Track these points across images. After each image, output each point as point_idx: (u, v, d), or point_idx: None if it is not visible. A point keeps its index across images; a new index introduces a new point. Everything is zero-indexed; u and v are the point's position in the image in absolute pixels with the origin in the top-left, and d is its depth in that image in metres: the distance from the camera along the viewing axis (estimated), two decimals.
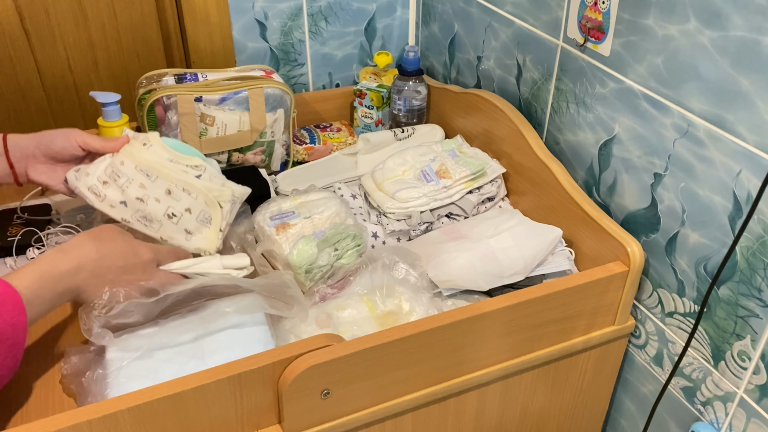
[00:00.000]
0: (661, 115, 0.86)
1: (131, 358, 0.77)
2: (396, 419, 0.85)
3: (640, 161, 0.91)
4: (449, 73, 1.34)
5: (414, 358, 0.81)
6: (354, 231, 0.96)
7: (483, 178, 1.09)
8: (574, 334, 0.92)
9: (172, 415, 0.70)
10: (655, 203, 0.90)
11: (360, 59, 1.43)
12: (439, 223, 1.06)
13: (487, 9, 1.16)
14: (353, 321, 0.87)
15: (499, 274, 0.92)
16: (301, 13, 1.32)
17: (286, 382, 0.73)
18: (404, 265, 0.92)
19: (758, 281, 0.78)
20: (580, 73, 0.98)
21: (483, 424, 0.95)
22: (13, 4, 1.16)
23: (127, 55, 1.29)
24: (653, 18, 0.83)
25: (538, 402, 0.98)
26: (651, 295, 0.94)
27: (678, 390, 0.95)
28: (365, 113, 1.34)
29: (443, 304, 0.92)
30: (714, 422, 0.90)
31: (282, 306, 0.84)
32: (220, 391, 0.71)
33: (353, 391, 0.79)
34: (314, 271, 0.93)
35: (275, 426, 0.78)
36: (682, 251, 0.88)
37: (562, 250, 0.98)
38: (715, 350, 0.87)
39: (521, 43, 1.09)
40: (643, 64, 0.86)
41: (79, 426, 0.65)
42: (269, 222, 0.98)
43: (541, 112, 1.09)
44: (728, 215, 0.80)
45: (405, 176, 1.09)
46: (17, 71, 1.21)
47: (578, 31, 0.96)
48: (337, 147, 1.28)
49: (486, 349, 0.86)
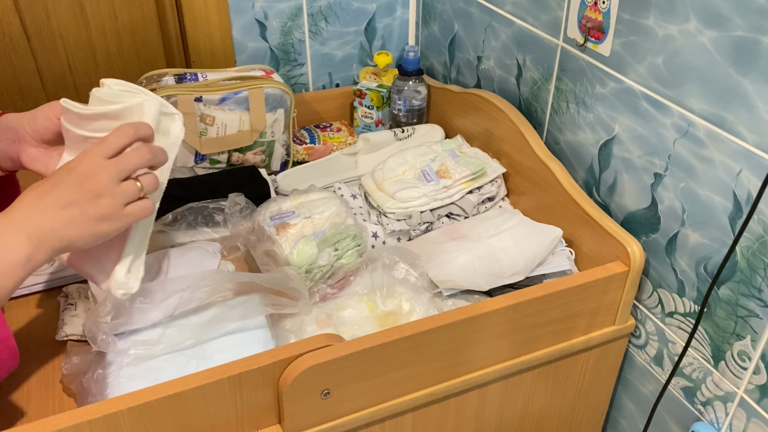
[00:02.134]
0: (661, 115, 0.86)
1: (131, 358, 0.77)
2: (396, 419, 0.85)
3: (640, 161, 0.91)
4: (449, 73, 1.34)
5: (414, 358, 0.81)
6: (354, 231, 0.96)
7: (483, 178, 1.09)
8: (574, 334, 0.92)
9: (172, 415, 0.70)
10: (655, 203, 0.90)
11: (360, 59, 1.43)
12: (439, 223, 1.06)
13: (487, 9, 1.16)
14: (353, 321, 0.87)
15: (499, 274, 0.92)
16: (301, 13, 1.32)
17: (286, 382, 0.73)
18: (404, 265, 0.92)
19: (758, 281, 0.78)
20: (580, 73, 0.98)
21: (483, 424, 0.95)
22: (13, 4, 1.16)
23: (127, 55, 1.29)
24: (653, 18, 0.83)
25: (538, 402, 0.98)
26: (651, 295, 0.94)
27: (678, 390, 0.95)
28: (365, 113, 1.34)
29: (443, 304, 0.92)
30: (714, 422, 0.90)
31: (286, 302, 0.84)
32: (220, 391, 0.71)
33: (353, 391, 0.79)
34: (314, 271, 0.93)
35: (275, 426, 0.78)
36: (682, 251, 0.88)
37: (562, 250, 0.98)
38: (715, 350, 0.87)
39: (521, 43, 1.09)
40: (643, 64, 0.86)
41: (79, 426, 0.65)
42: (269, 222, 0.98)
43: (541, 112, 1.09)
44: (728, 215, 0.80)
45: (405, 176, 1.09)
46: (17, 71, 1.21)
47: (578, 31, 0.96)
48: (337, 147, 1.28)
49: (486, 349, 0.86)
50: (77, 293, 0.92)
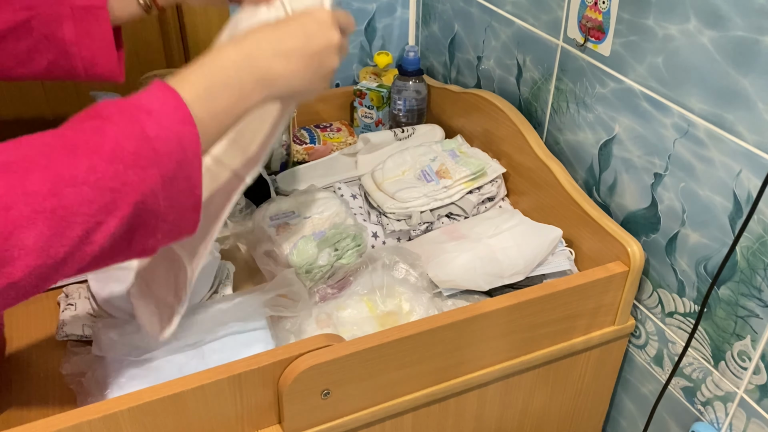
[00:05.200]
0: (661, 115, 0.86)
1: (131, 358, 0.77)
2: (396, 419, 0.85)
3: (640, 161, 0.91)
4: (449, 73, 1.34)
5: (414, 358, 0.81)
6: (354, 231, 0.96)
7: (483, 178, 1.09)
8: (574, 334, 0.92)
9: (172, 415, 0.70)
10: (655, 203, 0.90)
11: (360, 59, 1.43)
12: (439, 223, 1.06)
13: (487, 9, 1.16)
14: (353, 321, 0.87)
15: (499, 274, 0.92)
16: None
17: (286, 382, 0.73)
18: (404, 265, 0.92)
19: (758, 281, 0.78)
20: (580, 73, 0.98)
21: (483, 424, 0.95)
22: None
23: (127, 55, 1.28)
24: (653, 18, 0.83)
25: (538, 402, 0.98)
26: (651, 295, 0.94)
27: (678, 390, 0.95)
28: (365, 113, 1.34)
29: (443, 304, 0.92)
30: (714, 422, 0.90)
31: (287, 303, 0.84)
32: (220, 391, 0.71)
33: (353, 391, 0.79)
34: (314, 271, 0.93)
35: (275, 426, 0.78)
36: (682, 251, 0.88)
37: (562, 250, 0.98)
38: (715, 350, 0.87)
39: (521, 43, 1.09)
40: (643, 64, 0.86)
41: (79, 426, 0.65)
42: (269, 222, 0.98)
43: (541, 112, 1.09)
44: (728, 215, 0.80)
45: (405, 176, 1.09)
46: None
47: (578, 31, 0.96)
48: (337, 147, 1.28)
49: (486, 349, 0.86)
50: (77, 293, 0.92)
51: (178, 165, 0.54)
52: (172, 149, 0.54)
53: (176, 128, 0.54)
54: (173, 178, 0.54)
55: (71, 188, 0.50)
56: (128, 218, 0.52)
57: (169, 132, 0.54)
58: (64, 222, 0.49)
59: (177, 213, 0.57)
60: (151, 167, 0.53)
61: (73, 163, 0.50)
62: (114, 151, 0.51)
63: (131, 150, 0.52)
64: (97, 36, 0.80)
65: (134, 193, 0.52)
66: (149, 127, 0.53)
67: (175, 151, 0.54)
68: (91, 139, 0.52)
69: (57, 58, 0.80)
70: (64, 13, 0.78)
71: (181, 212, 0.57)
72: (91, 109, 0.54)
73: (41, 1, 0.78)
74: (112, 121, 0.53)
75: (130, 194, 0.52)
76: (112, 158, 0.51)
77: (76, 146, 0.51)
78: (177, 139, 0.54)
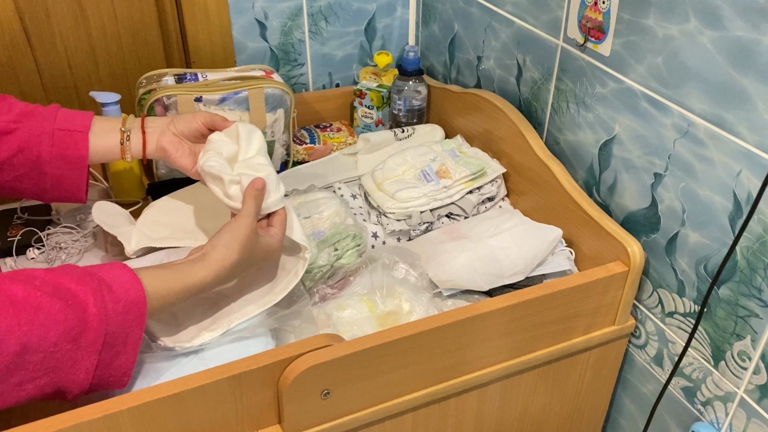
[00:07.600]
0: (661, 115, 0.86)
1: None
2: (396, 419, 0.85)
3: (640, 161, 0.91)
4: (449, 73, 1.34)
5: (414, 358, 0.81)
6: (354, 231, 0.96)
7: (483, 178, 1.09)
8: (574, 334, 0.92)
9: (172, 415, 0.70)
10: (655, 203, 0.90)
11: (360, 59, 1.43)
12: (439, 223, 1.06)
13: (487, 9, 1.16)
14: (353, 321, 0.87)
15: (499, 274, 0.92)
16: (301, 13, 1.32)
17: (286, 382, 0.73)
18: (404, 265, 0.92)
19: (758, 281, 0.78)
20: (580, 73, 0.98)
21: (483, 424, 0.95)
22: (13, 4, 1.16)
23: (127, 55, 1.28)
24: (653, 18, 0.83)
25: (538, 402, 0.98)
26: (651, 295, 0.94)
27: (678, 390, 0.95)
28: (365, 113, 1.34)
29: (443, 304, 0.92)
30: (714, 422, 0.90)
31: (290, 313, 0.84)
32: (220, 391, 0.71)
33: (353, 391, 0.79)
34: (314, 271, 0.93)
35: (275, 426, 0.78)
36: (682, 251, 0.88)
37: (562, 250, 0.98)
38: (715, 350, 0.87)
39: (521, 43, 1.09)
40: (643, 64, 0.86)
41: (79, 426, 0.65)
42: None
43: (541, 112, 1.09)
44: (728, 215, 0.80)
45: (405, 176, 1.09)
46: (17, 71, 1.21)
47: (578, 31, 0.96)
48: (337, 147, 1.28)
49: (486, 349, 0.86)
50: None
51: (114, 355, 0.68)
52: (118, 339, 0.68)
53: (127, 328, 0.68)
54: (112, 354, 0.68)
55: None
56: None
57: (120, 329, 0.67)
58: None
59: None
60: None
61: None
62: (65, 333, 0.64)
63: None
64: (71, 158, 0.87)
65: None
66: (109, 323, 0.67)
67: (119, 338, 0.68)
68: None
69: (29, 171, 0.86)
70: (46, 131, 0.86)
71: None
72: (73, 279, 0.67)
73: (30, 117, 0.86)
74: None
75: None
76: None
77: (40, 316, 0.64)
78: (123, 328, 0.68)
